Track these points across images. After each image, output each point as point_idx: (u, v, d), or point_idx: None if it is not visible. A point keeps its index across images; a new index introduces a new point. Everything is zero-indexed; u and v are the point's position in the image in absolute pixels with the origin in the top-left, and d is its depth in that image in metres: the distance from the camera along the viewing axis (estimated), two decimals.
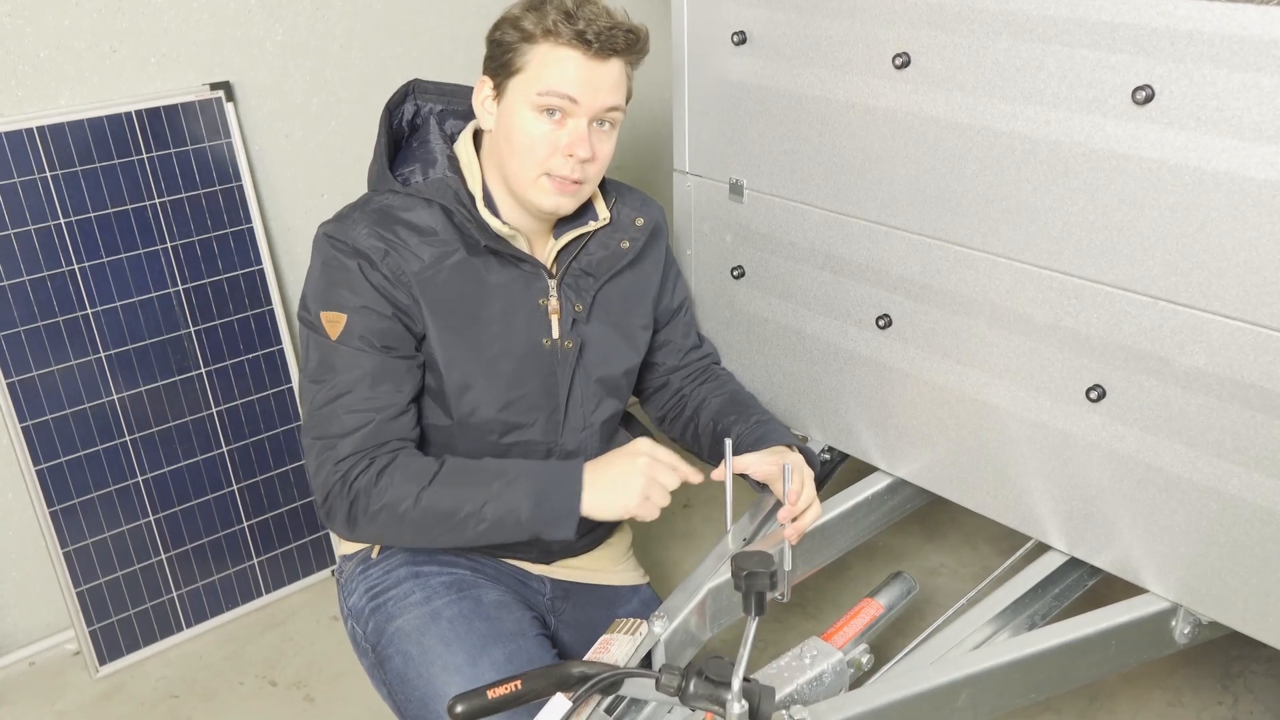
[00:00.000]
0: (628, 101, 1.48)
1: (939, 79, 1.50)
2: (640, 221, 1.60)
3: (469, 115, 1.57)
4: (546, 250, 1.54)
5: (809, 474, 1.56)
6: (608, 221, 1.57)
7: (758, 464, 1.55)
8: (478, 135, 1.53)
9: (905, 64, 1.53)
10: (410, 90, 1.57)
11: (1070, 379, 1.49)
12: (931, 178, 1.56)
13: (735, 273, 1.90)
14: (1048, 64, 1.38)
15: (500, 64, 1.42)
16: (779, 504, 1.55)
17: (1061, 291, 1.46)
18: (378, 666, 1.52)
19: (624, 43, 1.40)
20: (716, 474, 1.52)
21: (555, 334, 1.52)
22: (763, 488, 1.63)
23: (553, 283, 1.52)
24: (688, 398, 1.75)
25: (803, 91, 1.68)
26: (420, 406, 1.52)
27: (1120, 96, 1.33)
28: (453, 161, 1.50)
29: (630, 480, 1.41)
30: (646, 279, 1.65)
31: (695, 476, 1.46)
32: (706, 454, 1.71)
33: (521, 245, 1.50)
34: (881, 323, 1.69)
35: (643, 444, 1.45)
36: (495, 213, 1.49)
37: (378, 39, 2.37)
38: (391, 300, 1.43)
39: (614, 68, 1.42)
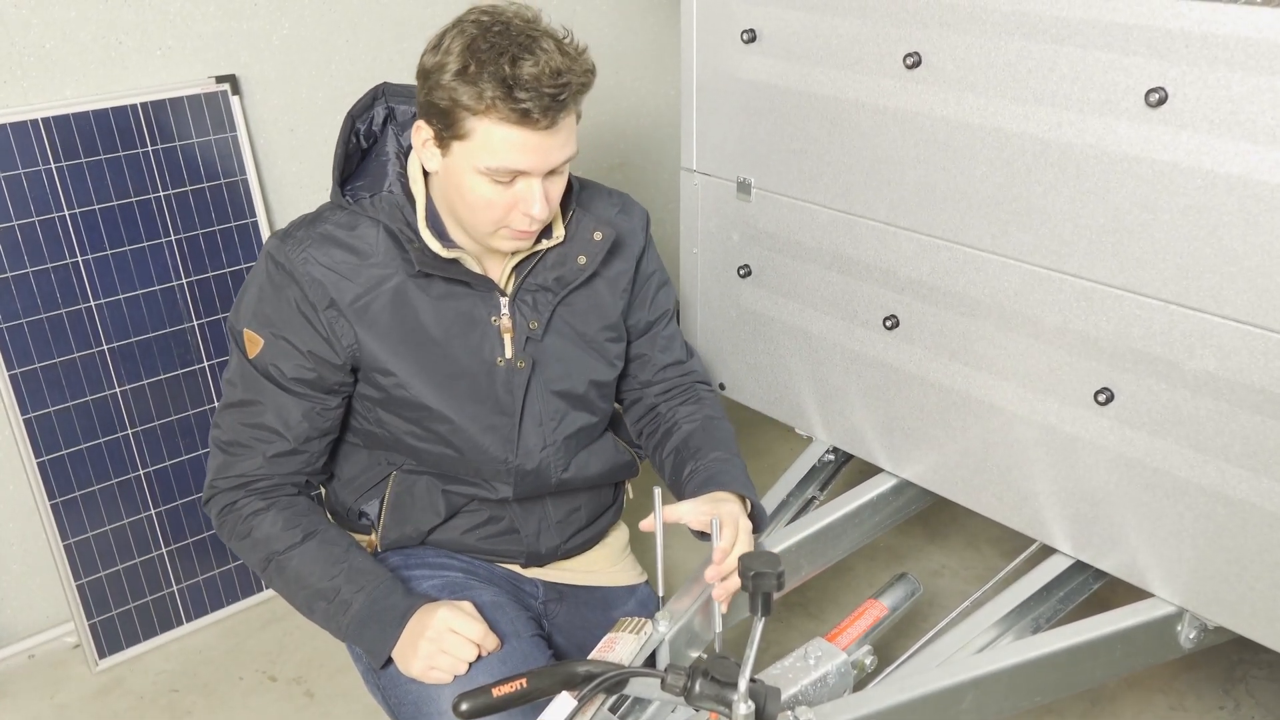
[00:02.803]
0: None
1: (950, 79, 1.50)
2: (599, 236, 1.51)
3: None
4: (501, 266, 1.49)
5: (745, 527, 1.43)
6: (562, 240, 1.50)
7: (690, 514, 1.43)
8: None
9: (916, 64, 1.52)
10: (379, 94, 1.51)
11: (1079, 382, 1.48)
12: (941, 178, 1.55)
13: (742, 272, 1.90)
14: (1060, 65, 1.38)
15: (440, 122, 1.32)
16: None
17: (1071, 294, 1.46)
18: (371, 671, 1.51)
19: (570, 99, 1.30)
20: (645, 525, 1.40)
21: (509, 353, 1.48)
22: (705, 536, 1.47)
23: (505, 300, 1.48)
24: (662, 417, 1.67)
25: (812, 90, 1.67)
26: (377, 433, 1.52)
27: (1133, 99, 1.32)
28: (403, 178, 1.45)
29: (418, 646, 1.39)
30: (614, 289, 1.57)
31: (493, 646, 1.41)
32: (668, 481, 1.63)
33: (471, 265, 1.45)
34: (889, 323, 1.69)
35: (439, 615, 1.39)
36: (442, 233, 1.44)
37: (384, 34, 2.36)
38: (316, 330, 1.42)
39: (562, 127, 1.32)
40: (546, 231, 1.49)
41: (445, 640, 1.38)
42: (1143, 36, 1.30)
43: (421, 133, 1.37)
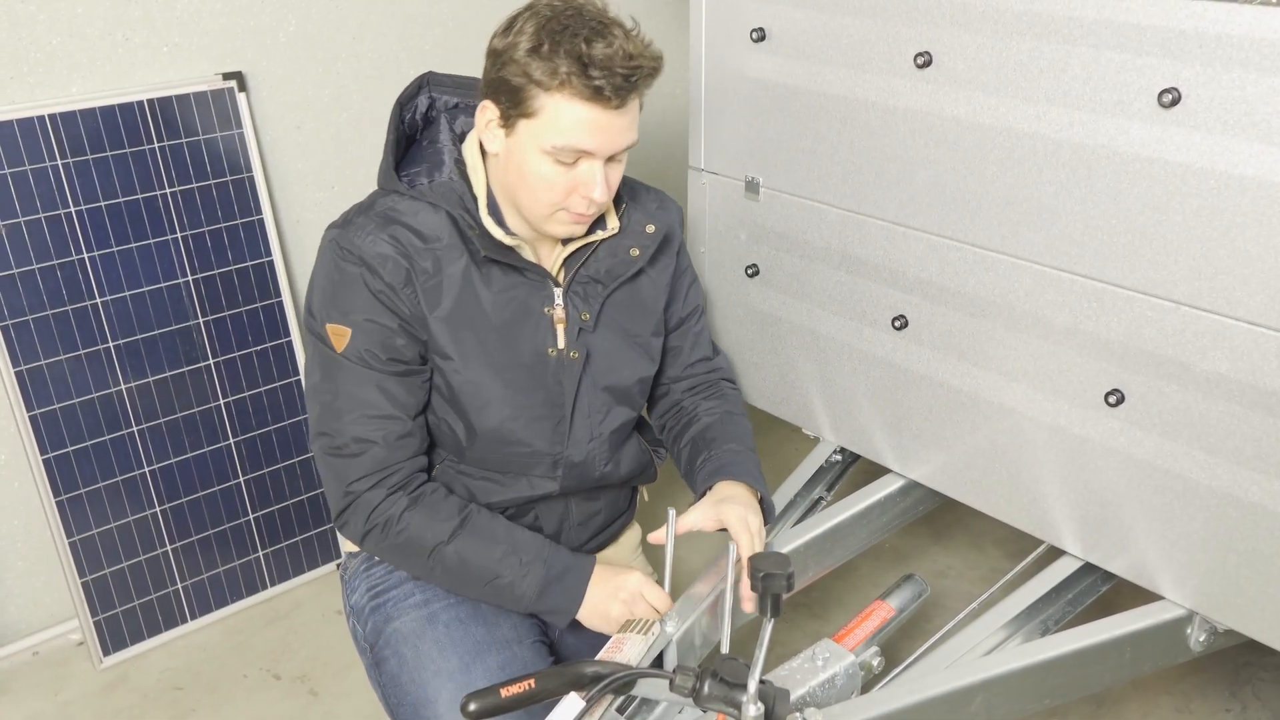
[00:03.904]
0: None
1: (961, 79, 1.49)
2: (651, 229, 1.54)
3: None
4: (553, 257, 1.50)
5: (754, 525, 1.44)
6: (617, 231, 1.52)
7: (700, 522, 1.46)
8: None
9: (927, 63, 1.52)
10: (424, 83, 1.52)
11: (1089, 383, 1.48)
12: (951, 178, 1.54)
13: (750, 271, 1.89)
14: (1072, 65, 1.37)
15: (508, 100, 1.34)
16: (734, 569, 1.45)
17: (1082, 295, 1.45)
18: (374, 667, 1.51)
19: (640, 82, 1.32)
20: (654, 537, 1.45)
21: (561, 343, 1.48)
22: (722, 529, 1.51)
23: (559, 291, 1.48)
24: (684, 410, 1.69)
25: (822, 90, 1.67)
26: (428, 420, 1.51)
27: (1146, 99, 1.32)
28: (460, 165, 1.46)
29: (611, 606, 1.44)
30: (657, 285, 1.59)
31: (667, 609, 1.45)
32: (682, 470, 1.65)
33: (527, 254, 1.46)
34: (898, 324, 1.68)
35: (634, 580, 1.44)
36: (500, 220, 1.44)
37: (390, 31, 2.36)
38: (395, 311, 1.40)
39: (629, 110, 1.34)
40: (600, 222, 1.50)
41: (637, 606, 1.42)
42: (1156, 37, 1.29)
43: (486, 113, 1.38)
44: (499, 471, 1.53)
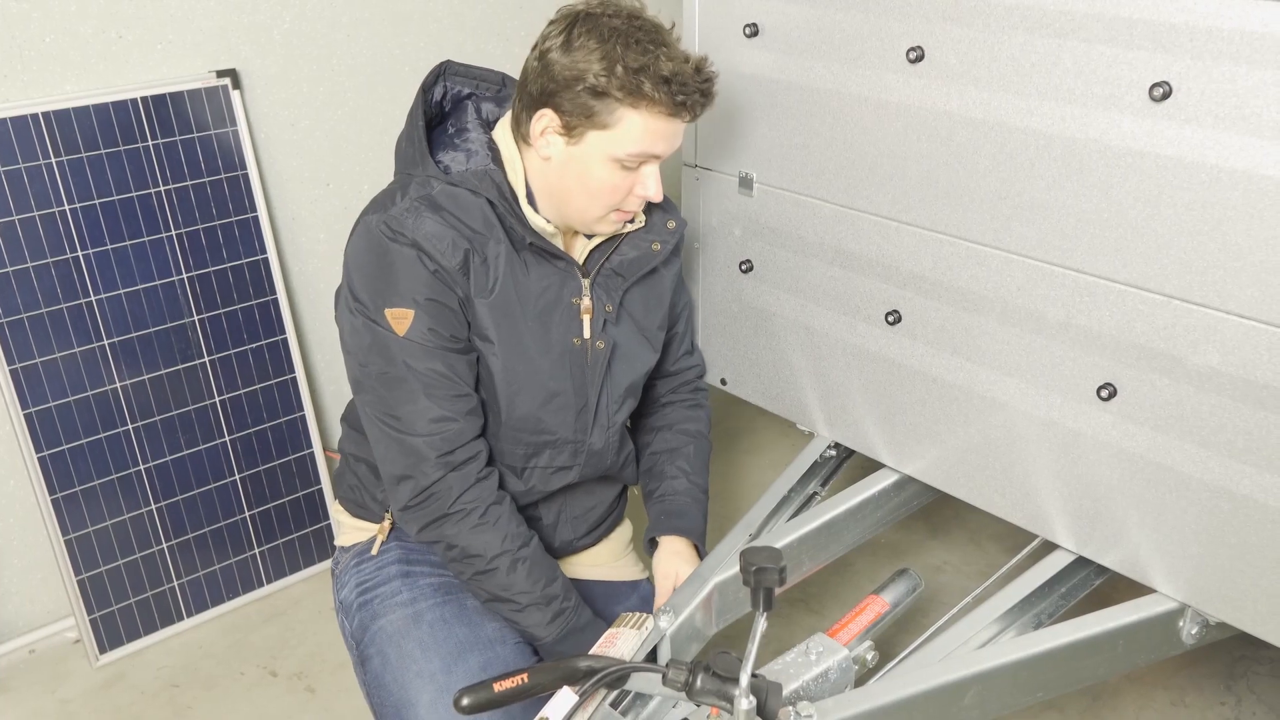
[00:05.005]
0: None
1: (953, 74, 1.49)
2: (672, 224, 1.58)
3: (498, 100, 1.55)
4: (578, 249, 1.52)
5: (682, 575, 1.60)
6: (642, 225, 1.55)
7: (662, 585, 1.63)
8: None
9: (919, 58, 1.52)
10: (441, 71, 1.53)
11: (1081, 377, 1.48)
12: (944, 173, 1.55)
13: (743, 266, 1.89)
14: (1064, 59, 1.37)
15: (578, 113, 1.36)
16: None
17: (1074, 289, 1.45)
18: (359, 664, 1.52)
19: (711, 97, 1.41)
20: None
21: (586, 334, 1.50)
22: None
23: (586, 282, 1.50)
24: (660, 410, 1.75)
25: (815, 85, 1.67)
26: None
27: (1137, 93, 1.32)
28: (493, 152, 1.47)
29: None
30: (667, 280, 1.63)
31: None
32: (640, 469, 1.72)
33: (559, 243, 1.49)
34: (891, 319, 1.68)
35: None
36: (536, 210, 1.47)
37: (384, 28, 2.36)
38: (453, 290, 1.41)
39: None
40: None
41: None
42: (1147, 30, 1.29)
43: (543, 120, 1.39)
44: (519, 465, 1.54)
